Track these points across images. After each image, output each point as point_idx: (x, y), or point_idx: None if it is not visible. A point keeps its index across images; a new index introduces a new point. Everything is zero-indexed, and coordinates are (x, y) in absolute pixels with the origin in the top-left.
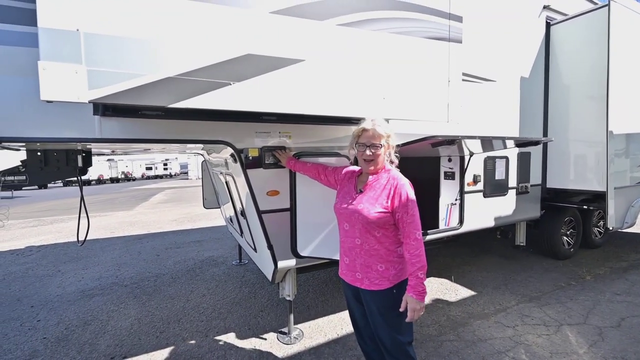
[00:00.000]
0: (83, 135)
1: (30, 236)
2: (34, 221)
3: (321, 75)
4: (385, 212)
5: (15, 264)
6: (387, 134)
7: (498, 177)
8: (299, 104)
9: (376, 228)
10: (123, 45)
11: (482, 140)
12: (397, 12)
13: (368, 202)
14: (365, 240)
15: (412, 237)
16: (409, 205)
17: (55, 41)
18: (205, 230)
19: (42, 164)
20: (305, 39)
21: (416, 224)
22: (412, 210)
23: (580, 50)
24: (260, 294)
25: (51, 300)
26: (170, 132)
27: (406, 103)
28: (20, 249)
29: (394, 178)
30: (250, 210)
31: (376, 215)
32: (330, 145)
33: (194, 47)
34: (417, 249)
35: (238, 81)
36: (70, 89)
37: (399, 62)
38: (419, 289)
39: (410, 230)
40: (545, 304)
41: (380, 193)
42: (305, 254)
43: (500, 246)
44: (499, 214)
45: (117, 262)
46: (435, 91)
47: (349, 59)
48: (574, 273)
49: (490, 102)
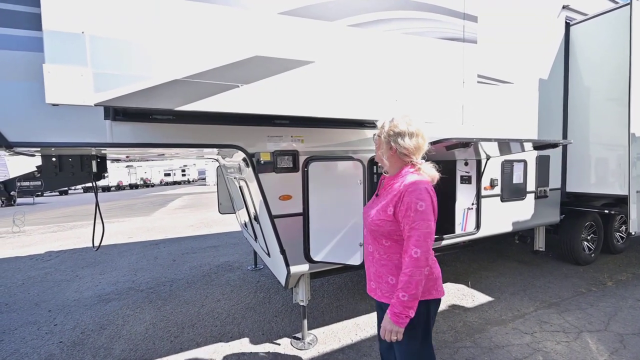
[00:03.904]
0: (94, 140)
1: (50, 241)
2: (54, 227)
3: (332, 77)
4: (388, 221)
5: (35, 269)
6: (385, 130)
7: (516, 181)
8: (308, 107)
9: (381, 237)
10: (129, 47)
11: (498, 143)
12: (410, 12)
13: (377, 207)
14: (376, 249)
15: (408, 252)
16: (411, 216)
17: (60, 44)
18: (222, 236)
19: (57, 170)
20: (315, 40)
21: (417, 239)
22: (415, 223)
23: (601, 51)
24: (274, 299)
25: (68, 304)
26: (182, 136)
27: (419, 105)
28: (39, 254)
29: (406, 183)
30: (263, 215)
31: (377, 223)
32: (344, 149)
33: (201, 49)
34: (408, 268)
35: (246, 83)
36: (76, 91)
37: (411, 63)
38: (394, 309)
39: (409, 245)
40: (565, 310)
41: (390, 198)
42: (318, 259)
43: (519, 251)
44: (517, 219)
45: (134, 267)
46: (450, 93)
47: (360, 60)
48: (595, 279)
49: (507, 104)
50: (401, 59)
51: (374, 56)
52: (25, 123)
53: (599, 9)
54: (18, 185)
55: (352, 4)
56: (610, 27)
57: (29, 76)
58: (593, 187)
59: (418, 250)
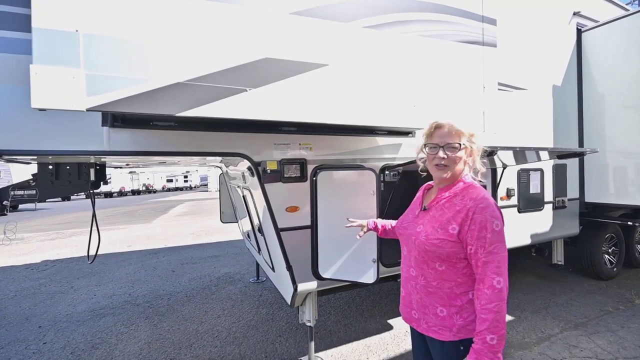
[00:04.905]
0: (91, 147)
1: (48, 249)
2: (53, 234)
3: (346, 81)
4: (450, 241)
5: (29, 280)
6: (470, 132)
7: (533, 190)
8: (322, 113)
9: (437, 259)
10: (127, 47)
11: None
12: (428, 14)
13: (430, 223)
14: (422, 273)
15: (486, 282)
16: (487, 238)
17: (51, 43)
18: (223, 245)
19: (53, 178)
20: (328, 42)
21: (497, 265)
22: (492, 246)
23: (615, 58)
24: (278, 316)
25: (60, 320)
26: (183, 144)
27: (439, 111)
28: (35, 263)
29: (474, 197)
30: (267, 227)
31: (435, 243)
32: (353, 157)
33: (206, 50)
34: (492, 302)
35: (254, 87)
36: (66, 95)
37: (430, 67)
38: (482, 358)
39: (486, 272)
40: (594, 332)
41: (450, 214)
42: (327, 276)
43: (536, 265)
44: (534, 231)
45: (132, 278)
46: (470, 98)
47: (377, 63)
48: (621, 296)
49: (521, 111)
50: (419, 62)
51: (390, 59)
52: (16, 129)
53: (610, 15)
54: (12, 194)
55: (368, 4)
56: (624, 34)
57: (19, 80)
58: (612, 197)
59: (500, 279)
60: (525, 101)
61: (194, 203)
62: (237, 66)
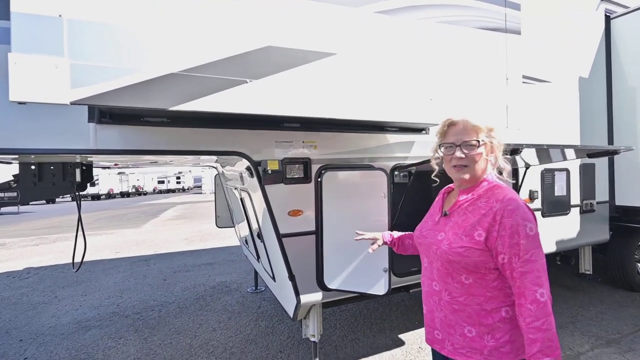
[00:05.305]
0: (75, 146)
1: (31, 256)
2: (36, 239)
3: (356, 71)
4: (477, 249)
5: (10, 289)
6: (489, 127)
7: (558, 193)
8: (329, 107)
9: (462, 271)
10: (115, 34)
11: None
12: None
13: (452, 230)
14: (446, 287)
15: (529, 296)
16: (521, 244)
17: (32, 29)
18: (218, 251)
19: (36, 179)
20: (337, 29)
21: (536, 275)
22: (529, 254)
23: None
24: (279, 330)
25: (43, 332)
26: (177, 142)
27: (457, 105)
28: (17, 271)
29: (500, 198)
30: (268, 232)
31: (459, 252)
32: (361, 156)
33: (202, 38)
34: (539, 319)
35: (256, 79)
36: (48, 87)
37: (448, 56)
38: None
39: (525, 284)
40: (628, 349)
41: (474, 218)
42: (333, 287)
43: (561, 274)
44: (560, 237)
45: (120, 287)
46: (492, 91)
47: (389, 52)
48: None
49: (545, 105)
50: (436, 51)
51: (405, 48)
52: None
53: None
54: None
55: None
56: None
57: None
58: None
59: (543, 290)
60: (549, 95)
61: (187, 206)
62: (236, 55)
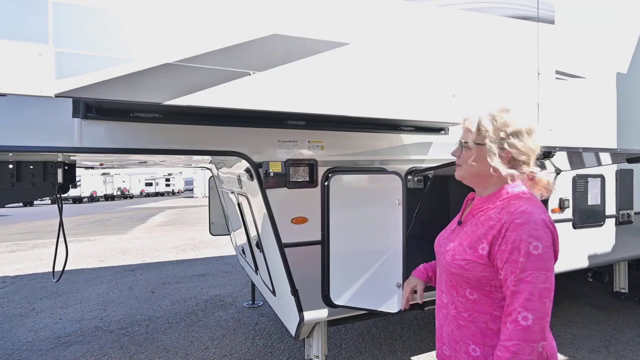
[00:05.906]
0: (58, 143)
1: (6, 264)
2: (12, 245)
3: (370, 64)
4: (480, 263)
5: None
6: (486, 127)
7: (591, 202)
8: (340, 103)
9: (465, 285)
10: (105, 19)
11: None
12: None
13: (459, 241)
14: (452, 301)
15: (512, 315)
16: (520, 262)
17: (12, 13)
18: (211, 261)
19: (14, 179)
20: (350, 17)
21: (527, 298)
22: (525, 274)
23: None
24: (278, 349)
25: (19, 348)
26: (170, 140)
27: (483, 102)
28: None
29: (512, 210)
30: (268, 241)
31: (461, 264)
32: (372, 158)
33: (201, 24)
34: (511, 340)
35: (260, 71)
36: (31, 77)
37: (473, 47)
38: None
39: (513, 304)
40: None
41: (482, 230)
42: (340, 303)
43: (593, 293)
44: (592, 251)
45: (104, 299)
46: (521, 87)
47: (408, 43)
48: None
49: (578, 104)
50: (460, 41)
51: (425, 38)
52: None
53: None
54: None
55: None
56: None
57: None
58: None
59: (529, 315)
60: (583, 92)
61: (178, 211)
62: (239, 44)
